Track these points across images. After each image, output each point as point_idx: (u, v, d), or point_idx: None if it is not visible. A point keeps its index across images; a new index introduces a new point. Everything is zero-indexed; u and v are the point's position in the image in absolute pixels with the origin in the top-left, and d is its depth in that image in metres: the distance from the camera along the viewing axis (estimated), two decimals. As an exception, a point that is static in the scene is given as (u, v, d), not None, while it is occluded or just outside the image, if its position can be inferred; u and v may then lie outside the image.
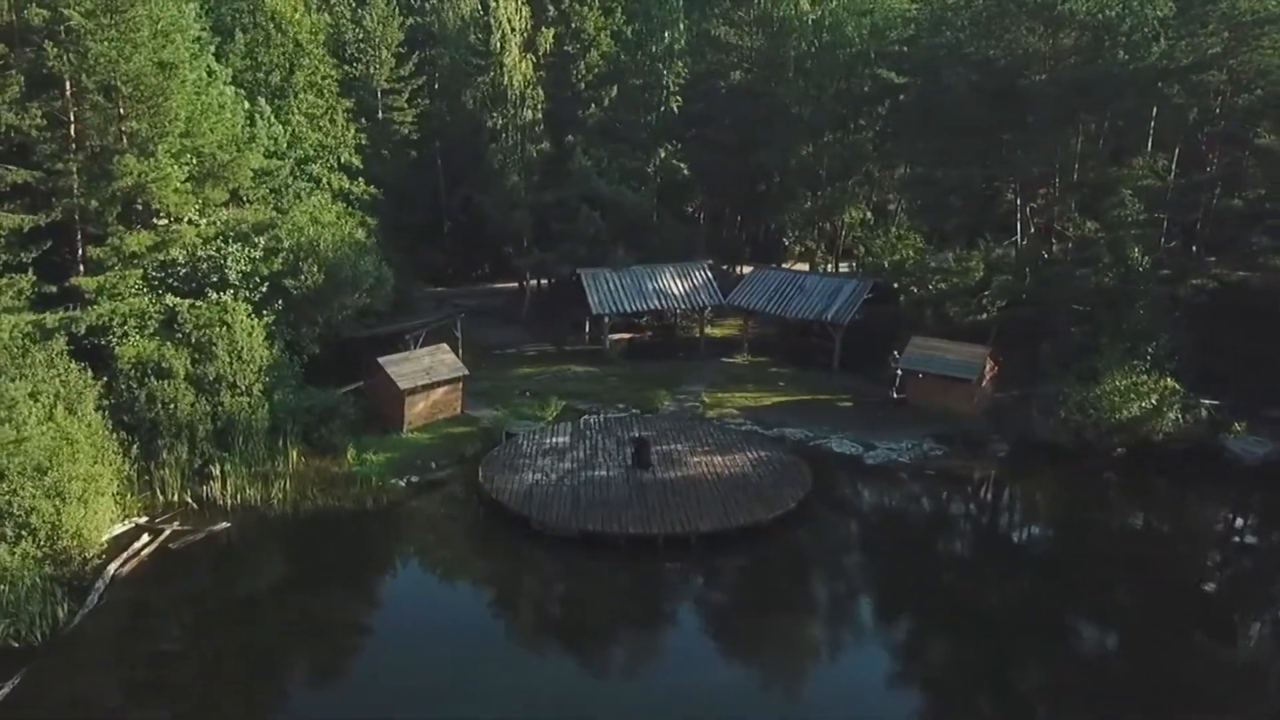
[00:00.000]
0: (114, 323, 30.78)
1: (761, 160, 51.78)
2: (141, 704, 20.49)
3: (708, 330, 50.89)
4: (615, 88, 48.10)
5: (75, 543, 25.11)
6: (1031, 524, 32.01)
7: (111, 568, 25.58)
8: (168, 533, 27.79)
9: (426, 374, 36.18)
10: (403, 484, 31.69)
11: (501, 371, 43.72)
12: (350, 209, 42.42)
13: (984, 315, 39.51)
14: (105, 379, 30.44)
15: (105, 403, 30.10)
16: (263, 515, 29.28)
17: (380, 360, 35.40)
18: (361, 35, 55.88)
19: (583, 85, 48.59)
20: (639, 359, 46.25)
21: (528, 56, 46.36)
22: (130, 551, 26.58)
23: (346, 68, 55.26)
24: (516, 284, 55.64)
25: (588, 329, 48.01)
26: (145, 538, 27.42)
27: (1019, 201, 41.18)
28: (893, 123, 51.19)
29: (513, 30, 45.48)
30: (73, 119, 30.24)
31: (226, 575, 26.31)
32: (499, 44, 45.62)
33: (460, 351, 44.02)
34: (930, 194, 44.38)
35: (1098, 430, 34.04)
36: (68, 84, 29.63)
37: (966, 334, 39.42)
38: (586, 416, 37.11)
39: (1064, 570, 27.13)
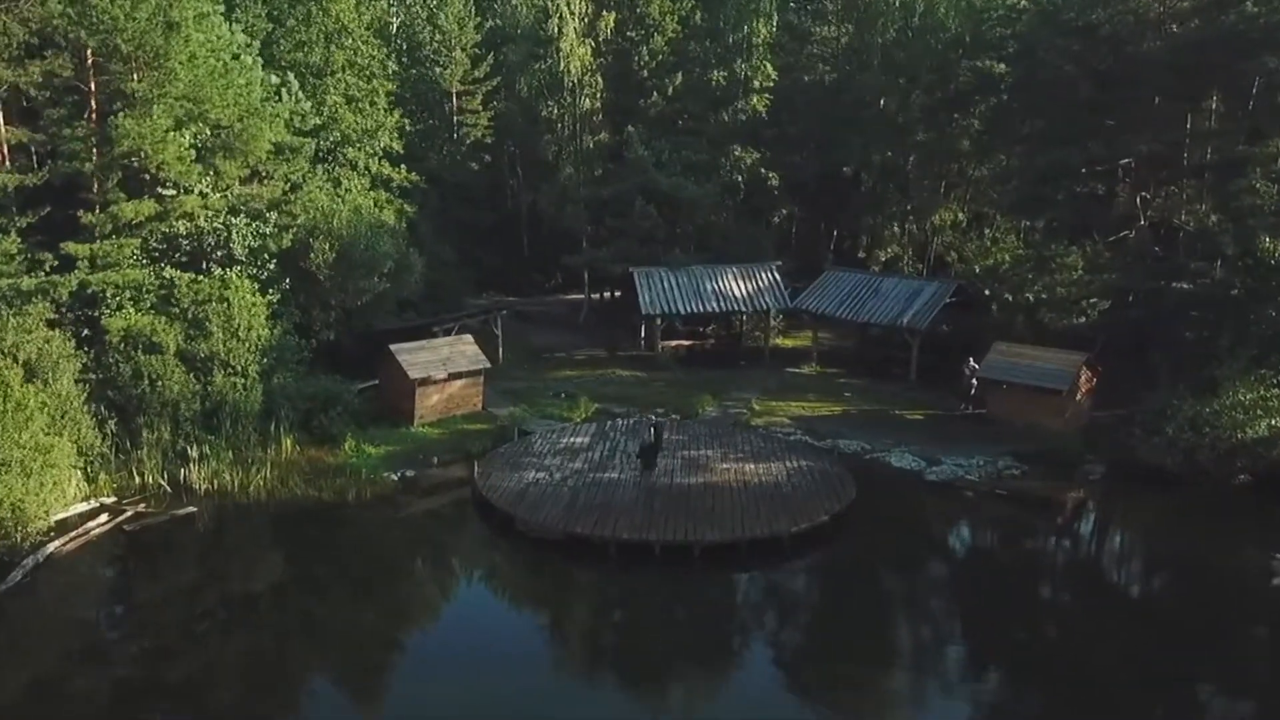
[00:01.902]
0: (107, 293, 29.28)
1: (843, 159, 47.48)
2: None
3: (778, 340, 46.65)
4: (680, 75, 44.74)
5: (13, 515, 23.05)
6: (1127, 561, 26.46)
7: (52, 546, 23.44)
8: (128, 514, 25.61)
9: (443, 365, 33.34)
10: (395, 478, 28.83)
11: (543, 373, 40.69)
12: (391, 197, 40.47)
13: (1083, 319, 33.98)
14: (94, 352, 28.98)
15: (91, 376, 28.57)
16: (234, 502, 26.86)
17: (393, 348, 32.77)
18: (439, 37, 54.74)
19: (645, 73, 45.50)
20: (695, 365, 42.40)
21: (586, 42, 43.65)
22: (79, 531, 24.46)
23: (420, 69, 54.24)
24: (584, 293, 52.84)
25: (643, 334, 44.50)
26: (104, 518, 25.31)
27: (1128, 190, 35.54)
28: (993, 119, 45.94)
29: (571, 14, 42.90)
30: (75, 78, 29.07)
31: (171, 561, 23.89)
32: (555, 28, 43.09)
33: (501, 351, 41.42)
34: (1024, 184, 39.03)
35: (1215, 452, 28.05)
36: (65, 41, 28.39)
37: (1064, 343, 34.03)
38: (624, 420, 33.33)
39: (1172, 620, 21.54)
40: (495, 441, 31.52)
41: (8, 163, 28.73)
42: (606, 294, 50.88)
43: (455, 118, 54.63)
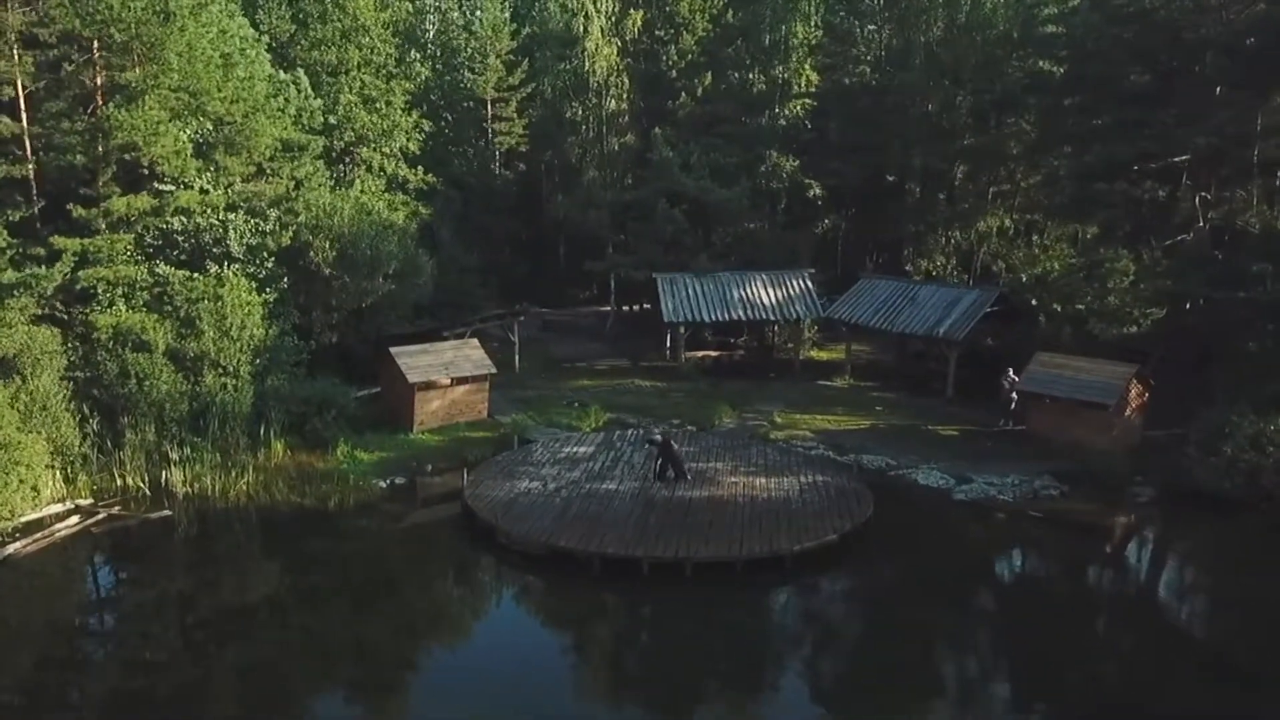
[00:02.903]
0: (99, 289, 28.50)
1: (885, 165, 45.18)
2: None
3: (812, 352, 44.37)
4: (709, 75, 42.96)
5: (-27, 515, 22.17)
6: (1177, 593, 23.55)
7: (12, 547, 22.41)
8: (100, 516, 24.53)
9: (445, 369, 31.91)
10: (384, 485, 27.40)
11: (559, 382, 39.05)
12: (407, 199, 39.39)
13: (1135, 329, 31.18)
14: (83, 349, 28.18)
15: (79, 374, 27.74)
16: (213, 506, 25.65)
17: (393, 350, 31.45)
18: (474, 44, 53.97)
19: (674, 74, 43.82)
20: (721, 377, 40.35)
21: (613, 41, 42.19)
22: (45, 533, 23.39)
23: (454, 75, 53.50)
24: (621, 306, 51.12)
25: (668, 343, 42.60)
26: (74, 519, 24.25)
27: (1186, 191, 32.66)
28: (1042, 119, 43.17)
29: (596, 11, 41.49)
30: (78, 72, 28.48)
31: (129, 564, 22.73)
32: (581, 27, 41.72)
33: (517, 358, 39.98)
34: (1074, 185, 36.28)
35: (1280, 475, 25.24)
36: (58, 29, 27.77)
37: (1115, 355, 31.24)
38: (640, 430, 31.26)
39: (1229, 663, 18.82)
40: (496, 450, 29.95)
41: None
42: (636, 307, 49.11)
43: (488, 125, 53.71)
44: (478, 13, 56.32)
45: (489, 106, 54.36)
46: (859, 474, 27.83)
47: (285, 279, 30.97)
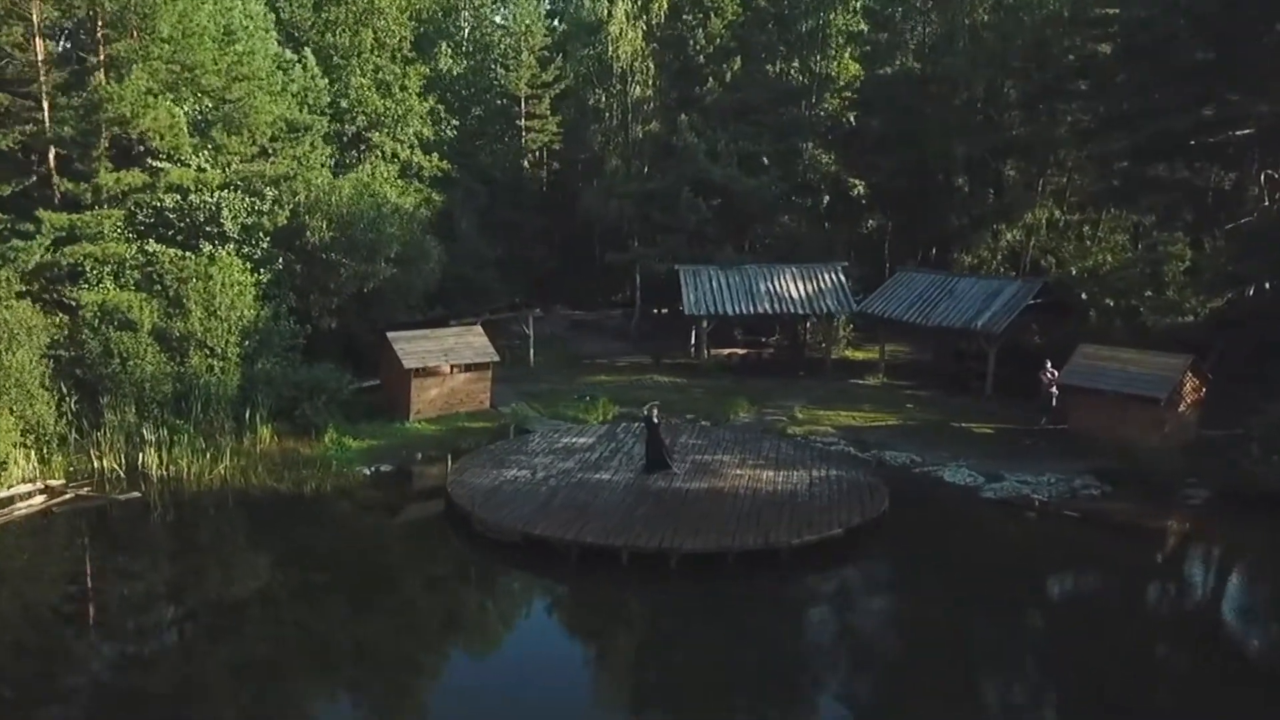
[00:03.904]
0: (87, 266, 27.68)
1: (927, 156, 42.76)
2: None
3: (847, 352, 42.10)
4: (739, 60, 41.08)
5: (-71, 490, 21.17)
6: (1231, 604, 20.70)
7: (-35, 524, 21.39)
8: (66, 497, 23.41)
9: (445, 355, 30.44)
10: (368, 472, 25.91)
11: (576, 377, 37.37)
12: (420, 186, 38.19)
13: (1191, 318, 28.39)
14: (69, 328, 27.36)
15: (63, 353, 26.88)
16: (184, 489, 24.36)
17: (390, 335, 30.09)
18: (508, 40, 53.03)
19: (701, 59, 42.03)
20: (746, 374, 38.30)
21: (638, 25, 40.62)
22: (4, 511, 22.32)
23: (485, 69, 52.58)
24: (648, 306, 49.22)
25: (693, 340, 40.67)
26: (38, 499, 23.18)
27: (1249, 168, 29.80)
28: (1094, 102, 40.20)
29: (621, -6, 40.05)
30: (77, 48, 27.87)
31: (78, 545, 21.30)
32: (605, 10, 40.25)
33: (532, 352, 38.45)
34: (1127, 166, 33.48)
35: (1353, 477, 22.34)
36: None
37: (1168, 348, 28.47)
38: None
39: None
40: (493, 440, 28.30)
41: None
42: (665, 310, 47.24)
43: (521, 123, 52.52)
44: (512, 6, 55.41)
45: (523, 104, 53.22)
46: (878, 470, 25.64)
47: (280, 260, 29.82)
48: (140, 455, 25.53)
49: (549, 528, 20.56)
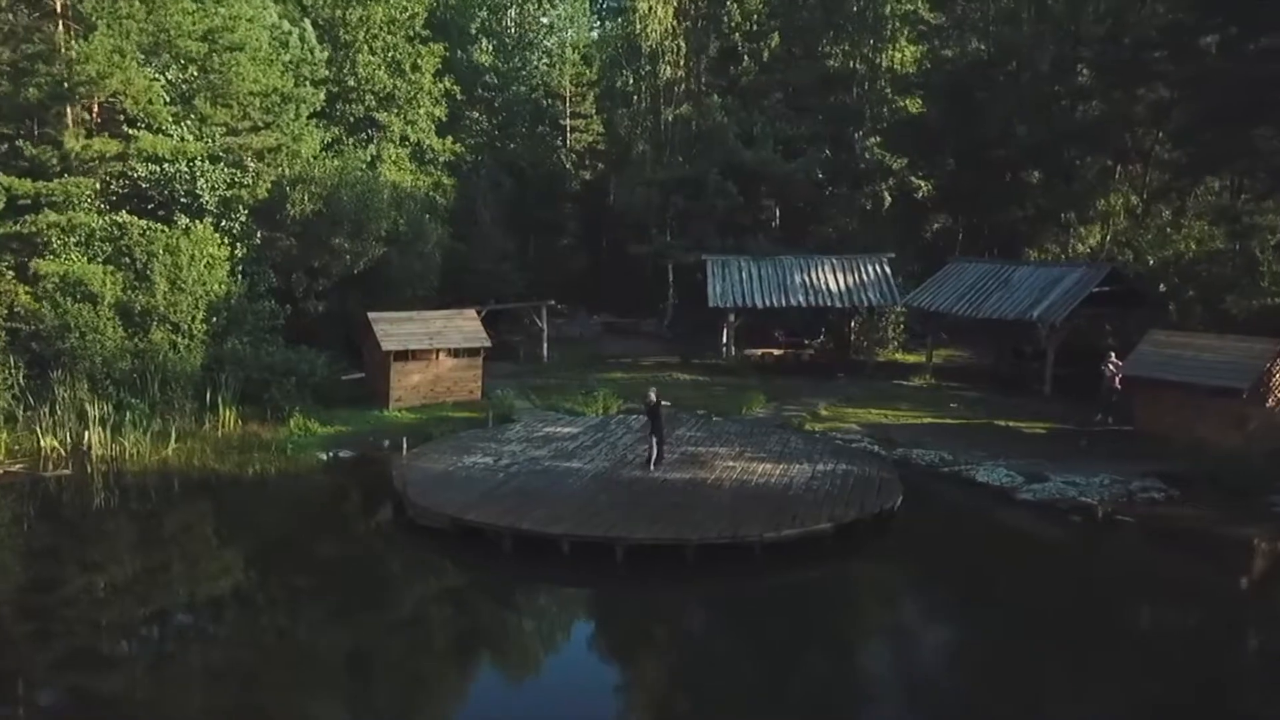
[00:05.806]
0: (52, 236, 26.18)
1: (985, 135, 38.87)
2: None
3: (896, 355, 38.17)
4: (776, 37, 38.06)
5: None
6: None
7: (-127, 498, 19.68)
8: (-8, 474, 21.66)
9: (430, 339, 28.01)
10: (325, 457, 23.54)
11: (591, 373, 34.51)
12: (431, 169, 36.19)
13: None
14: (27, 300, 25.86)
15: (21, 326, 25.39)
16: (122, 470, 22.38)
17: (371, 316, 27.83)
18: (552, 37, 51.34)
19: (737, 37, 39.11)
20: (777, 373, 34.86)
21: (668, 2, 38.05)
22: (-84, 488, 20.63)
23: (523, 63, 50.89)
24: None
25: (723, 339, 37.40)
26: (-39, 476, 21.47)
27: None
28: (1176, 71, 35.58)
29: (649, -29, 37.60)
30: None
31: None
32: (633, -13, 37.92)
33: (545, 348, 35.80)
34: (1209, 130, 29.11)
35: None
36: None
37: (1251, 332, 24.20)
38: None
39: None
40: (471, 428, 25.67)
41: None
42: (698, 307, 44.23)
43: (565, 121, 50.49)
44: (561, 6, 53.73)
45: (567, 102, 51.23)
46: (895, 466, 22.03)
47: (258, 234, 27.93)
48: (86, 434, 23.69)
49: (484, 514, 17.70)
